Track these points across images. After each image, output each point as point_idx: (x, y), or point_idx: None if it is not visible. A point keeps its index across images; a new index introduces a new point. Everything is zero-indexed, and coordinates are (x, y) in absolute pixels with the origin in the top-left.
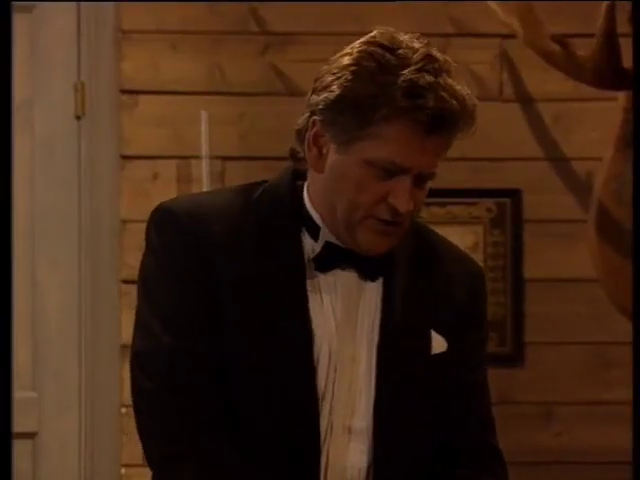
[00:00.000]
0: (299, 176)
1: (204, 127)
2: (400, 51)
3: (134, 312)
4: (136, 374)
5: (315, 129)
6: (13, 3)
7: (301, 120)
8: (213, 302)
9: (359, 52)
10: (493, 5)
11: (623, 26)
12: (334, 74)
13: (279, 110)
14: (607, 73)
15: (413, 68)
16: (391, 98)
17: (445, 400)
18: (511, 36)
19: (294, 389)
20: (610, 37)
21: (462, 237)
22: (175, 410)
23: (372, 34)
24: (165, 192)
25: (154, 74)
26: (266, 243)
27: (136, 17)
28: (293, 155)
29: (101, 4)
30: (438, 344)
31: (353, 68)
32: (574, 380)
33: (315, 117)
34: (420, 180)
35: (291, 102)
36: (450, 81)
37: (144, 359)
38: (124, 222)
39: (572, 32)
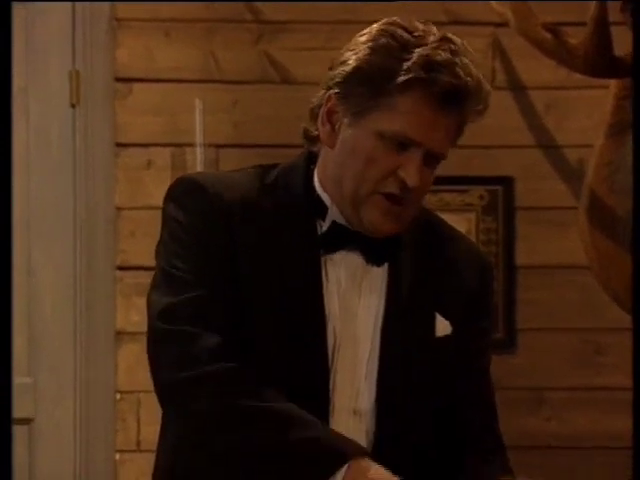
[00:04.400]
0: (313, 161)
1: (198, 115)
2: (417, 33)
3: (129, 299)
4: (160, 321)
5: (330, 104)
6: None
7: (315, 98)
8: (234, 266)
9: (377, 31)
10: None
11: (614, 15)
12: (351, 50)
13: (273, 98)
14: (598, 61)
15: (430, 46)
16: (407, 70)
17: (449, 383)
18: (503, 24)
19: (304, 366)
20: (601, 25)
21: (454, 224)
22: (202, 342)
23: (391, 18)
24: (159, 179)
25: (148, 62)
26: (282, 225)
27: (130, 6)
28: (306, 134)
29: None
30: (443, 327)
31: (371, 44)
32: (565, 366)
33: (330, 91)
34: (429, 159)
35: (284, 90)
36: (466, 61)
37: (172, 308)
38: (119, 209)
39: (564, 21)
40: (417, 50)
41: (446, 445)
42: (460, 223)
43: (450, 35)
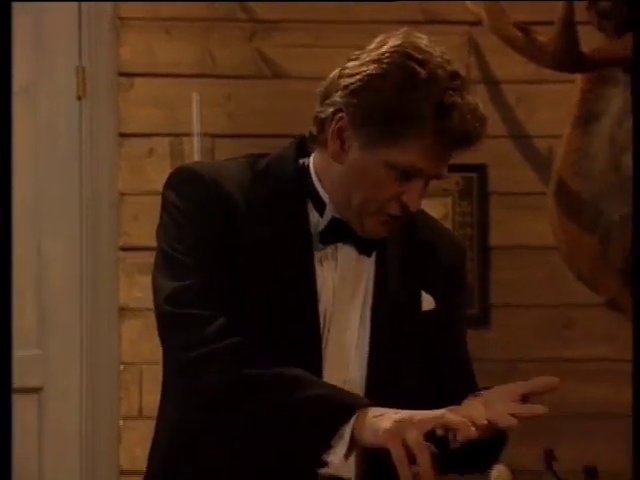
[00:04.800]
0: (302, 150)
1: (195, 107)
2: (429, 66)
3: (131, 277)
4: (168, 306)
5: (341, 124)
6: None
7: (323, 110)
8: (230, 250)
9: (389, 63)
10: None
11: (581, 14)
12: (364, 80)
13: (265, 91)
14: (565, 57)
15: (440, 87)
16: (420, 117)
17: (433, 354)
18: (477, 23)
19: (297, 344)
20: (568, 24)
21: (433, 208)
22: (208, 323)
23: (398, 41)
24: (160, 167)
25: (149, 58)
26: (275, 212)
27: (132, 5)
28: (312, 138)
29: None
30: (427, 302)
31: (383, 80)
32: (536, 339)
33: (342, 115)
34: (429, 179)
35: (276, 84)
36: (472, 101)
37: (177, 294)
38: (122, 194)
39: (534, 20)
40: (431, 92)
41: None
42: (437, 207)
43: (455, 68)
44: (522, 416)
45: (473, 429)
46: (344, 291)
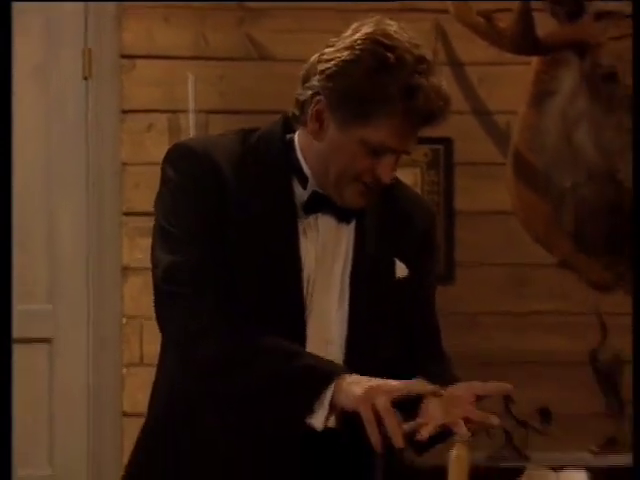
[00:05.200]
0: (288, 127)
1: (191, 86)
2: (398, 51)
3: (133, 240)
4: (165, 283)
5: (318, 107)
6: None
7: (302, 93)
8: (221, 219)
9: (361, 50)
10: None
11: (536, 2)
12: (338, 66)
13: (253, 73)
14: (522, 41)
15: (408, 70)
16: (389, 99)
17: (406, 315)
18: (444, 11)
19: (283, 309)
20: (525, 12)
21: (403, 177)
22: (201, 300)
23: (370, 29)
24: (158, 140)
25: (149, 42)
26: (263, 185)
27: None
28: (294, 118)
29: None
30: (400, 270)
31: (356, 65)
32: (495, 295)
33: (320, 98)
34: (399, 155)
35: (263, 66)
36: (437, 81)
37: (173, 269)
38: (124, 165)
39: (495, 8)
40: (399, 76)
41: (401, 365)
42: (408, 177)
43: (422, 52)
44: (476, 421)
45: (426, 434)
46: (325, 259)
